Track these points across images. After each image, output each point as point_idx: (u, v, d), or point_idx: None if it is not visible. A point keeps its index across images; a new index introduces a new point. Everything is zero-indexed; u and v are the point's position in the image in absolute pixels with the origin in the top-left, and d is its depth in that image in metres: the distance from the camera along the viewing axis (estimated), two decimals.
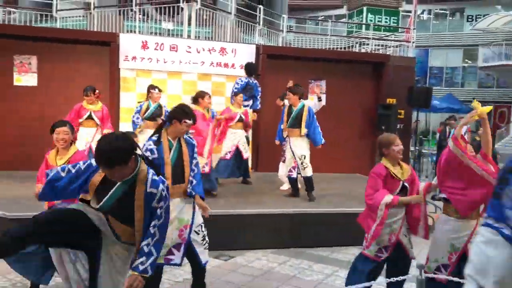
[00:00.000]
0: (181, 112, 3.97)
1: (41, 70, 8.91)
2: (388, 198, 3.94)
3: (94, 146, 6.31)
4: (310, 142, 7.06)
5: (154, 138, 3.89)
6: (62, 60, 8.97)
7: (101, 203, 2.97)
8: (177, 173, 3.94)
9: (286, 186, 7.69)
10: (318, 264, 5.71)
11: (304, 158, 6.94)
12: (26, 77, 8.75)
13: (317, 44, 16.98)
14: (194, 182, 4.06)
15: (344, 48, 15.15)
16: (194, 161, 4.09)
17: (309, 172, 6.98)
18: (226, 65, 9.67)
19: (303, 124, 6.93)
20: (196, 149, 4.17)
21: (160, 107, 7.92)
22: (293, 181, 7.23)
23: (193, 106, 6.01)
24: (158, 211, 2.96)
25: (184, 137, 4.07)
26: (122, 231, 3.01)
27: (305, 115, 6.93)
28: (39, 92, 8.83)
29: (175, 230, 3.95)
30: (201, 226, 4.16)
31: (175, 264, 4.00)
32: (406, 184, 4.08)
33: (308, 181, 7.04)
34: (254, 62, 8.92)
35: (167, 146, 3.91)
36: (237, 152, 7.70)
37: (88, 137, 7.29)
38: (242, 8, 13.51)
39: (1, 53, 8.69)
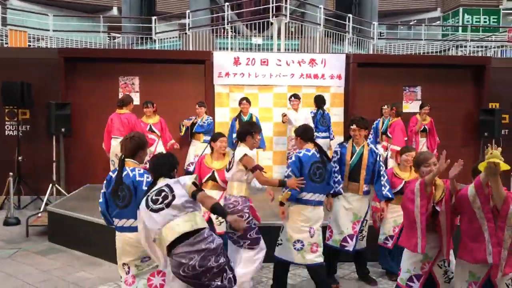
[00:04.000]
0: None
1: (142, 90, 9.54)
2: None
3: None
4: None
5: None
6: (161, 79, 9.53)
7: None
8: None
9: None
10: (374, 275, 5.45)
11: None
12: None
13: (410, 50, 16.43)
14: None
15: (440, 52, 14.52)
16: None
17: None
18: (316, 76, 9.67)
19: None
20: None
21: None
22: None
23: None
24: None
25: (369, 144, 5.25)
26: None
27: None
28: (141, 109, 9.43)
29: (350, 222, 5.09)
30: (365, 221, 5.21)
31: (348, 251, 5.10)
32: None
33: None
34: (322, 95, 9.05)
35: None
36: None
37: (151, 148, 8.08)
38: (331, 18, 13.48)
39: (108, 75, 9.44)
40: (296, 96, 8.65)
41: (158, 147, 8.27)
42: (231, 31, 11.87)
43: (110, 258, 5.95)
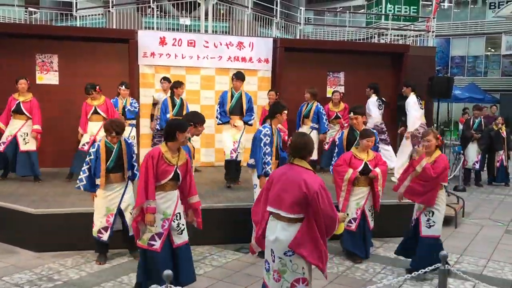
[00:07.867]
0: None
1: (62, 69, 9.05)
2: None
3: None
4: None
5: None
6: (83, 58, 9.09)
7: None
8: None
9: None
10: (337, 257, 5.71)
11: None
12: (48, 75, 8.91)
13: (335, 36, 16.86)
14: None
15: (363, 39, 15.02)
16: None
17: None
18: (243, 59, 9.67)
19: None
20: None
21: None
22: None
23: None
24: None
25: None
26: None
27: None
28: (61, 90, 8.98)
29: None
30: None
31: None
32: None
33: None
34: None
35: None
36: None
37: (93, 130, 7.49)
38: (259, 2, 13.50)
39: (24, 52, 8.86)
40: (166, 79, 8.74)
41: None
42: (157, 10, 11.53)
43: (26, 245, 5.66)
